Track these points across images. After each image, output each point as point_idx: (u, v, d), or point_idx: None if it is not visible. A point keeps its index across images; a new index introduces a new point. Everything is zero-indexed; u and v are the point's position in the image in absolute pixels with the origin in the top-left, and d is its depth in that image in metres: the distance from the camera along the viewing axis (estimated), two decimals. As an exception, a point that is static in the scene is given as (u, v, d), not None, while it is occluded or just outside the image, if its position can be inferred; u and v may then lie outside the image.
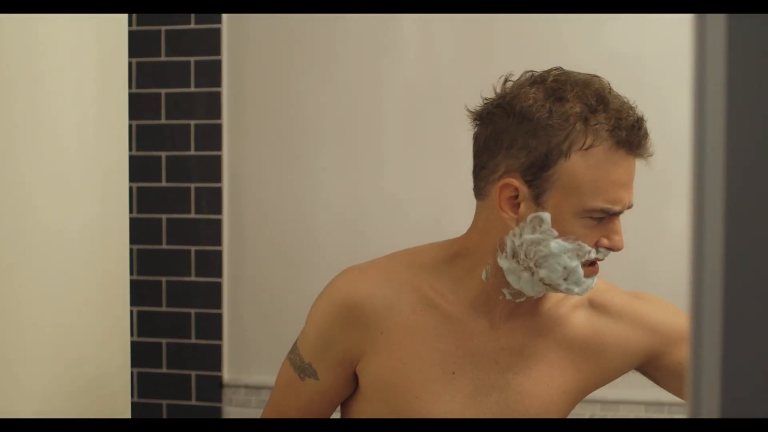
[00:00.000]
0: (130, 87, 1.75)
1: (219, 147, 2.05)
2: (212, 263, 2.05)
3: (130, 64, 1.69)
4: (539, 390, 1.20)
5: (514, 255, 1.12)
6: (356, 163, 2.03)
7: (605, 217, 1.10)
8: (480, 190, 1.16)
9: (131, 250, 1.92)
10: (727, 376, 0.35)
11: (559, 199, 1.08)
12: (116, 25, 1.45)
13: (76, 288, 1.33)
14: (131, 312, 1.97)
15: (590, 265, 1.11)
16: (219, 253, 2.05)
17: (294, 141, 2.04)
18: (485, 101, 1.15)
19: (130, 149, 1.93)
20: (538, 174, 1.08)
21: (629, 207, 1.13)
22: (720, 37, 0.36)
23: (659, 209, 1.94)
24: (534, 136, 1.07)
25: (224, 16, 2.03)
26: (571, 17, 1.92)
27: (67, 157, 1.29)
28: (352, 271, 1.20)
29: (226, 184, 2.07)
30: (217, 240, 2.06)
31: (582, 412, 1.95)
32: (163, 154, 2.07)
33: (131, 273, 1.92)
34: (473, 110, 1.16)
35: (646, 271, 1.95)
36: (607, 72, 1.92)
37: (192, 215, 2.06)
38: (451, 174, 1.99)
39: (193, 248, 2.06)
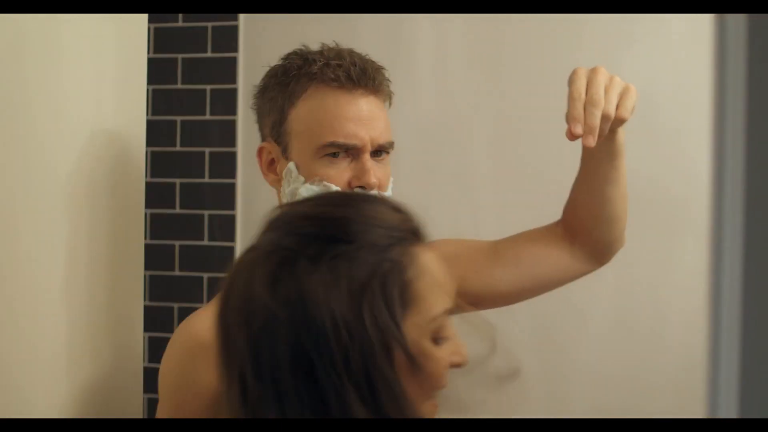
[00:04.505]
0: (146, 113, 1.77)
1: (233, 174, 2.06)
2: (224, 290, 2.05)
3: (146, 90, 1.71)
4: None
5: None
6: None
7: (341, 154, 1.14)
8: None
9: (143, 276, 1.93)
10: (745, 376, 0.35)
11: (298, 146, 1.15)
12: (136, 54, 1.47)
13: (91, 312, 1.33)
14: (143, 337, 1.97)
15: None
16: (231, 280, 2.04)
17: (307, 169, 2.04)
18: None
19: (145, 175, 1.95)
20: (279, 129, 1.17)
21: (379, 147, 1.18)
22: (741, 40, 0.36)
23: (672, 241, 1.93)
24: (270, 100, 1.18)
25: (240, 45, 2.05)
26: (584, 48, 1.93)
27: (84, 182, 1.30)
28: (191, 318, 1.15)
29: (239, 212, 2.07)
30: (230, 267, 2.05)
31: None
32: (177, 181, 2.08)
33: (143, 299, 1.92)
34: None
35: (658, 301, 1.94)
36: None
37: (205, 242, 2.07)
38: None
39: (205, 275, 2.06)
